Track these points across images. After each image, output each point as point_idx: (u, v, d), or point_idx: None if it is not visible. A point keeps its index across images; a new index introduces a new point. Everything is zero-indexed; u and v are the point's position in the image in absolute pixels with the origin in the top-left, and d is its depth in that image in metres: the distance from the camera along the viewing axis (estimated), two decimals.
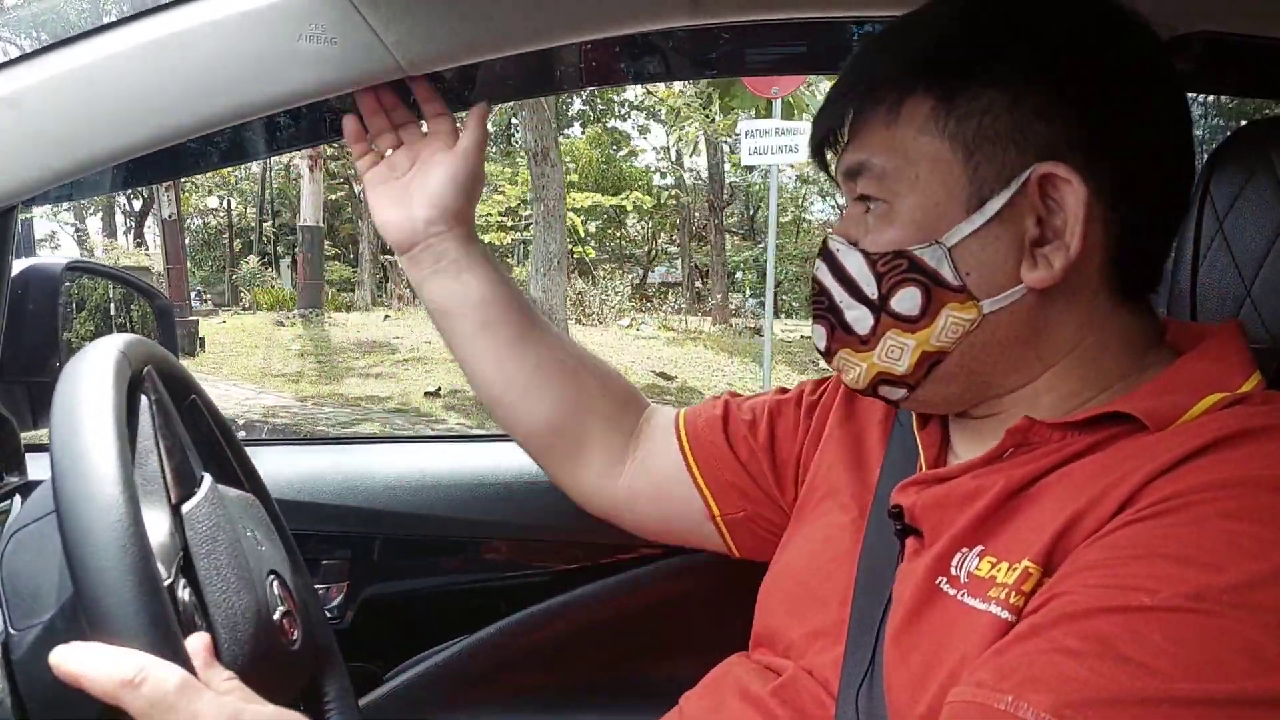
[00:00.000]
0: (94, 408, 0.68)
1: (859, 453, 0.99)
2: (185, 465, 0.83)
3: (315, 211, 15.18)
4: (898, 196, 0.78)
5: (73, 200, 2.09)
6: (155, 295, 1.37)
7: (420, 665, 1.43)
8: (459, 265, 1.07)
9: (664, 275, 19.20)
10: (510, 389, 1.10)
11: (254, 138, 1.14)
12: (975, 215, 0.76)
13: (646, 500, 1.13)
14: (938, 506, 0.80)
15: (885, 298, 0.80)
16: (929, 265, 0.77)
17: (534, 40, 1.00)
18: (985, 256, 0.77)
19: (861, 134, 0.81)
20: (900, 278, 0.79)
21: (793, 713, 0.85)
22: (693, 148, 16.78)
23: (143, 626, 0.60)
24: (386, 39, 0.93)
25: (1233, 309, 0.99)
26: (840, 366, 0.87)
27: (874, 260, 0.80)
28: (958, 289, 0.77)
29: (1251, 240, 0.99)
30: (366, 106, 1.06)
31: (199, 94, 0.94)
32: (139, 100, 0.94)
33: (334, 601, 1.42)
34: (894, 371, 0.82)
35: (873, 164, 0.79)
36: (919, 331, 0.79)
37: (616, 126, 21.21)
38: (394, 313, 15.80)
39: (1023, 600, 0.67)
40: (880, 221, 0.80)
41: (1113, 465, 0.69)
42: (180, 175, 8.83)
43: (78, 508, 0.62)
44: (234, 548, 0.78)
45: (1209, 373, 0.75)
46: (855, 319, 0.82)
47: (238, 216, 24.17)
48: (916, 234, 0.78)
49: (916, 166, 0.77)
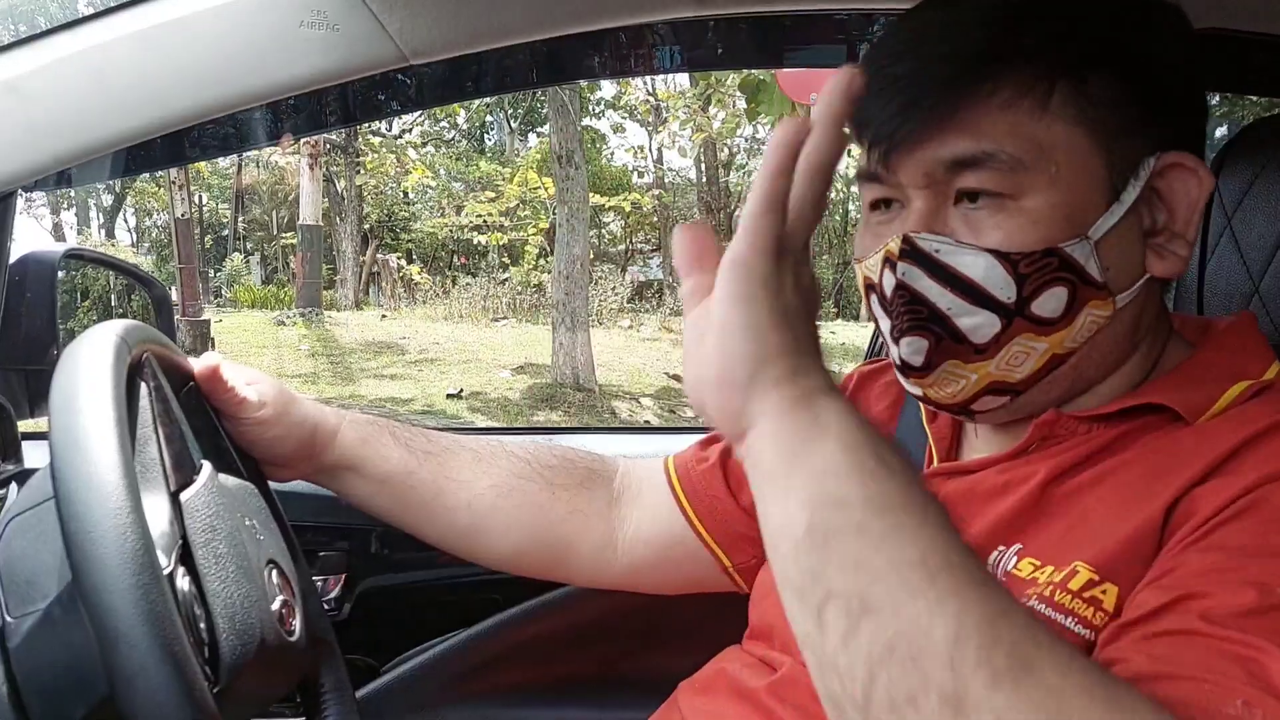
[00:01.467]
0: (93, 394, 0.67)
1: None
2: (184, 452, 0.82)
3: (315, 210, 15.14)
4: (1029, 189, 0.71)
5: (73, 186, 2.10)
6: (153, 284, 1.36)
7: (417, 658, 1.43)
8: (338, 473, 1.08)
9: (635, 274, 19.15)
10: (460, 538, 1.10)
11: (255, 125, 1.13)
12: (1115, 206, 0.72)
13: (650, 569, 1.11)
14: (962, 500, 0.79)
15: (1027, 300, 0.72)
16: (1078, 262, 0.72)
17: (538, 30, 1.00)
18: (1122, 249, 0.74)
19: (971, 120, 0.71)
20: (1049, 278, 0.72)
21: (791, 710, 0.83)
22: (697, 149, 16.78)
23: (142, 616, 0.60)
24: (389, 26, 0.93)
25: (1240, 305, 0.99)
26: (937, 380, 0.78)
27: (1014, 261, 0.71)
28: (1100, 286, 0.73)
29: (1260, 237, 0.98)
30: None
31: (200, 80, 0.94)
32: (141, 86, 0.93)
33: (332, 593, 1.41)
34: (1010, 379, 0.76)
35: (1000, 154, 0.70)
36: (1056, 333, 0.74)
37: (590, 125, 21.13)
38: (390, 313, 15.79)
39: (1069, 598, 0.66)
40: (1004, 217, 0.71)
41: (1160, 464, 0.68)
42: (181, 163, 8.83)
43: (77, 495, 0.62)
44: (233, 537, 0.77)
45: (1231, 362, 0.74)
46: (974, 326, 0.74)
47: (208, 213, 23.98)
48: (1064, 229, 0.71)
49: (1054, 156, 0.71)
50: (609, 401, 9.24)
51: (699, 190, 19.21)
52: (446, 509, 1.08)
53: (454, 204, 19.32)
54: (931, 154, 0.73)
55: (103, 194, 23.50)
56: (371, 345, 12.16)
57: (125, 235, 24.80)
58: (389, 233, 21.17)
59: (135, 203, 23.90)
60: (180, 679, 0.60)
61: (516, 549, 1.10)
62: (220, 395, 0.98)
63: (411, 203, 21.76)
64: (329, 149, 16.62)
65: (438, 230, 19.07)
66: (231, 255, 20.76)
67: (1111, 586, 0.65)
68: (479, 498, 1.08)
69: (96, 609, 0.60)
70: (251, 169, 22.34)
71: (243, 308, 16.95)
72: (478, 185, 19.14)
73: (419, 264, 19.93)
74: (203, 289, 15.44)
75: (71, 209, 24.11)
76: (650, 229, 21.18)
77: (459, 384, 9.78)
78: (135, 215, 25.21)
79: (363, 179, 18.78)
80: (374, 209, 20.35)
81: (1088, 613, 0.65)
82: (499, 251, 17.99)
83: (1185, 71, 0.75)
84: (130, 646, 0.60)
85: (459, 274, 18.54)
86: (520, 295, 15.40)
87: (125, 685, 0.60)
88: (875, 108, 0.75)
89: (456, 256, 21.16)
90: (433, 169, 20.32)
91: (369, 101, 1.21)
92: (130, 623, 0.60)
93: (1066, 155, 0.71)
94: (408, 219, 21.38)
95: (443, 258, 21.57)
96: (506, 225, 16.41)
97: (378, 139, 18.94)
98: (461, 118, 22.36)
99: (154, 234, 24.24)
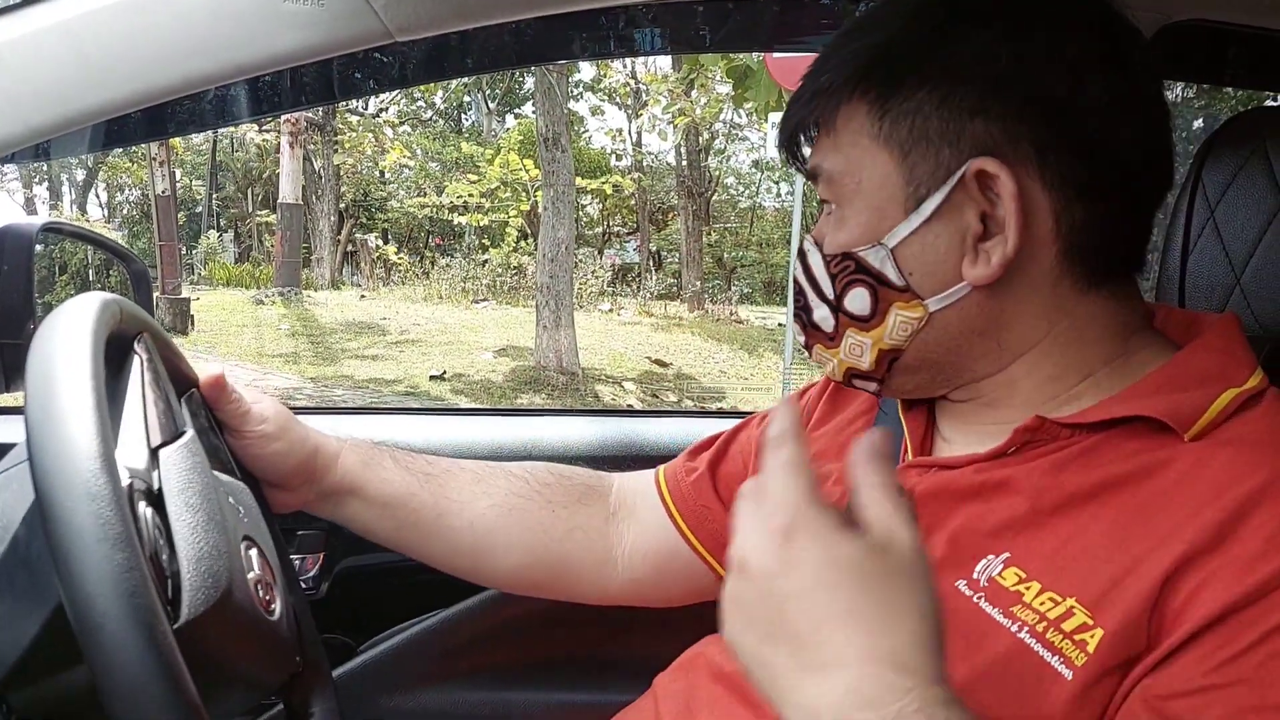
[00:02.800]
0: (70, 369, 0.66)
1: (843, 440, 0.98)
2: (169, 415, 0.81)
3: (295, 189, 15.00)
4: (845, 200, 0.80)
5: (50, 159, 2.06)
6: (132, 259, 1.34)
7: (395, 638, 1.42)
8: (341, 497, 1.07)
9: (611, 257, 19.10)
10: (463, 558, 1.10)
11: (237, 100, 1.12)
12: (913, 216, 0.76)
13: (651, 584, 1.12)
14: (936, 495, 0.79)
15: (840, 297, 0.82)
16: (874, 266, 0.79)
17: (526, 8, 0.99)
18: (926, 256, 0.77)
19: (817, 139, 0.83)
20: (850, 279, 0.81)
21: None
22: (680, 134, 16.70)
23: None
24: (374, 2, 0.92)
25: (1222, 298, 0.99)
26: (819, 361, 0.89)
27: (828, 261, 0.82)
28: (902, 289, 0.79)
29: (1242, 229, 0.99)
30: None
31: (181, 53, 0.93)
32: (121, 57, 0.92)
33: (310, 572, 1.41)
34: (860, 368, 0.84)
35: (822, 169, 0.82)
36: (872, 330, 0.81)
37: (569, 108, 21.05)
38: (369, 293, 15.70)
39: (1060, 638, 0.65)
40: (835, 224, 0.82)
41: (1156, 493, 0.68)
42: (160, 137, 8.75)
43: (53, 472, 0.61)
44: (208, 494, 0.76)
45: (1214, 367, 0.74)
46: (821, 318, 0.85)
47: (181, 189, 23.71)
48: (862, 236, 0.79)
49: (859, 170, 0.79)
50: (592, 385, 9.24)
51: (678, 174, 19.12)
52: (450, 529, 1.07)
53: (433, 185, 19.19)
54: (807, 168, 0.85)
55: (75, 169, 23.20)
56: (352, 325, 12.10)
57: (97, 210, 24.51)
58: (364, 212, 21.04)
59: (107, 178, 23.61)
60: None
61: (518, 567, 1.10)
62: (224, 405, 0.97)
63: (387, 182, 21.62)
64: (306, 127, 16.46)
65: (416, 210, 18.95)
66: (207, 233, 20.51)
67: (1099, 630, 0.64)
68: (481, 517, 1.08)
69: (75, 600, 0.58)
70: (225, 146, 22.11)
71: (218, 286, 16.79)
72: (454, 166, 19.02)
73: (394, 244, 19.82)
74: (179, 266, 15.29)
75: (45, 184, 23.82)
76: (628, 212, 21.14)
77: (441, 365, 9.75)
78: (107, 191, 24.92)
79: (340, 158, 18.63)
80: (350, 188, 20.21)
81: (1074, 654, 0.65)
82: (475, 233, 17.87)
83: (1007, 71, 0.74)
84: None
85: (435, 255, 18.43)
86: (500, 277, 15.34)
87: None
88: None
89: (432, 237, 21.05)
90: (410, 149, 20.18)
91: (352, 78, 1.20)
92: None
93: (869, 169, 0.78)
94: (384, 199, 21.26)
95: (419, 238, 21.46)
96: (487, 206, 16.32)
97: (355, 118, 18.80)
98: (439, 98, 22.23)
99: (125, 210, 23.98)
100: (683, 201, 18.62)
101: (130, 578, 0.57)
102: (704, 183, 18.90)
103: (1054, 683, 0.64)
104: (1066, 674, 0.64)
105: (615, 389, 9.28)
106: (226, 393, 0.97)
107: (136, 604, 0.57)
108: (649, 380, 9.72)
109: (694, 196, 18.28)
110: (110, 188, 24.44)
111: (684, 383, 9.83)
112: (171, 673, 0.57)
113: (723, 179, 20.87)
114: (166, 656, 0.57)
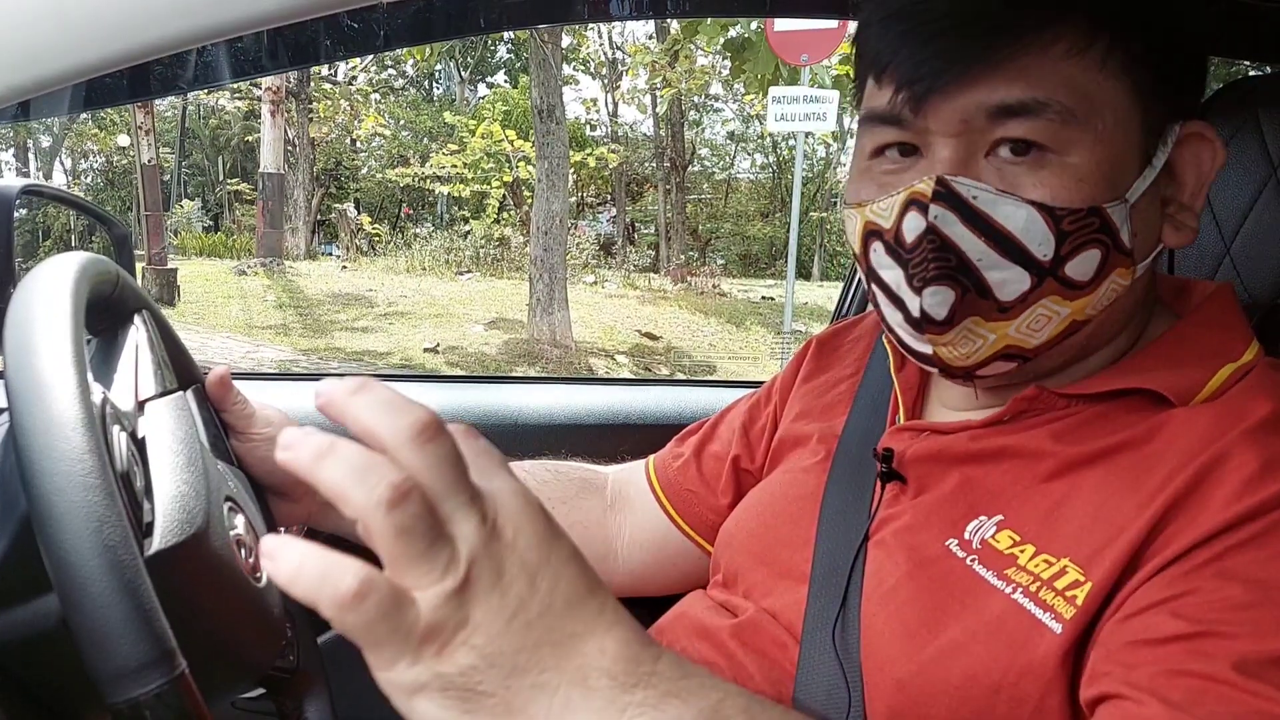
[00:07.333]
0: (50, 331, 0.65)
1: (827, 401, 0.98)
2: (160, 379, 0.81)
3: (276, 158, 14.82)
4: (1075, 145, 0.68)
5: (29, 120, 2.04)
6: (113, 223, 1.32)
7: None
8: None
9: (584, 228, 19.06)
10: None
11: (220, 62, 1.10)
12: (1148, 170, 0.71)
13: (652, 574, 1.12)
14: (930, 459, 0.79)
15: (1063, 260, 0.69)
16: (1115, 225, 0.69)
17: None
18: (1147, 217, 0.72)
19: (1028, 67, 0.67)
20: (1088, 239, 0.69)
21: (752, 654, 0.84)
22: (665, 105, 16.59)
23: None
24: None
25: (1211, 267, 1.00)
26: (955, 339, 0.73)
27: (1059, 217, 0.68)
28: (1127, 252, 0.71)
29: (1233, 198, 0.99)
30: None
31: (164, 12, 0.91)
32: (101, 15, 0.90)
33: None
34: (1026, 344, 0.73)
35: (1053, 104, 0.67)
36: (1080, 299, 0.71)
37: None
38: (350, 263, 15.59)
39: (1052, 595, 0.65)
40: (1048, 173, 0.68)
41: (1149, 454, 0.68)
42: (143, 98, 8.64)
43: (34, 435, 0.59)
44: (190, 445, 0.75)
45: (1213, 340, 0.74)
46: (1003, 281, 0.70)
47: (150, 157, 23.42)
48: (1107, 190, 0.68)
49: (1102, 112, 0.68)
50: (586, 359, 9.25)
51: (658, 146, 19.02)
52: None
53: (410, 153, 19.04)
54: (974, 99, 0.68)
55: (40, 134, 22.84)
56: (339, 297, 12.04)
57: (61, 177, 24.13)
58: (334, 182, 20.87)
59: (72, 145, 23.31)
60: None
61: None
62: (229, 405, 0.95)
63: (359, 151, 21.44)
64: (286, 95, 16.29)
65: (397, 180, 18.85)
66: (181, 201, 20.26)
67: (1089, 584, 0.64)
68: None
69: (55, 562, 0.57)
70: (193, 112, 21.80)
71: (191, 255, 16.64)
72: (425, 134, 18.83)
73: (366, 214, 19.71)
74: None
75: (10, 149, 23.50)
76: (603, 183, 21.06)
77: (433, 338, 9.73)
78: (71, 158, 24.62)
79: (316, 126, 18.46)
80: (322, 156, 20.03)
81: (1064, 608, 0.65)
82: (448, 203, 17.73)
83: (1202, 43, 0.74)
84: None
85: (405, 224, 18.30)
86: (483, 249, 15.27)
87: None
88: (907, 46, 0.70)
89: (403, 206, 20.91)
90: (382, 117, 20.01)
91: (337, 40, 1.18)
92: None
93: (1113, 113, 0.68)
94: (356, 167, 21.09)
95: (389, 208, 21.31)
96: (469, 177, 16.22)
97: (330, 85, 18.62)
98: (409, 65, 22.02)
99: (89, 178, 23.68)
100: (664, 174, 18.55)
101: (96, 488, 0.57)
102: (686, 155, 18.84)
103: (1044, 636, 0.65)
104: (1056, 628, 0.64)
105: (608, 362, 9.29)
106: (232, 392, 0.95)
107: (96, 511, 0.57)
108: (641, 353, 9.73)
109: (676, 169, 18.21)
110: (74, 154, 24.14)
111: (675, 357, 9.86)
112: (138, 596, 0.56)
113: (697, 151, 20.80)
114: (130, 575, 0.56)
